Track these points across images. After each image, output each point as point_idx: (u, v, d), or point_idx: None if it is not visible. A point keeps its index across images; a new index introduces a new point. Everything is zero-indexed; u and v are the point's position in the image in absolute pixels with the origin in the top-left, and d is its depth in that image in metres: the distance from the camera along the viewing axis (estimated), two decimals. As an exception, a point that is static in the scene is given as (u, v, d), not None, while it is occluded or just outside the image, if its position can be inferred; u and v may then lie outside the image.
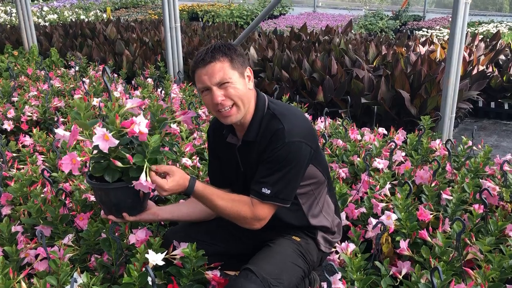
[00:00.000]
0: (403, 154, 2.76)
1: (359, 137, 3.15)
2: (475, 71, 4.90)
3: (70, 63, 5.60)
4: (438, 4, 14.66)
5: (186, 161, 2.68)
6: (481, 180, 2.45)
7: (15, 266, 1.81)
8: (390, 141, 2.93)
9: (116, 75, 5.04)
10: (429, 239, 1.95)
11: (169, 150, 2.47)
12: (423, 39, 6.69)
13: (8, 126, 3.39)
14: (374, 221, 1.97)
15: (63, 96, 4.23)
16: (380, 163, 2.63)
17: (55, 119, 3.46)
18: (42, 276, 1.69)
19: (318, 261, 1.86)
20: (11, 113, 3.52)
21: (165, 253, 1.60)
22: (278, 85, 4.47)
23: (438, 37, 7.71)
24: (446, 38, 7.18)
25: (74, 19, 10.36)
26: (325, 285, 1.63)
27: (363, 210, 2.27)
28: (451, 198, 2.26)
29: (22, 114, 3.58)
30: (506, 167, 2.49)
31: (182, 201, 2.14)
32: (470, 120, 4.92)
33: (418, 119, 3.64)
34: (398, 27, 10.59)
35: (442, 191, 2.32)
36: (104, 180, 1.55)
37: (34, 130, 3.11)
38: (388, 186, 2.35)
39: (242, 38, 5.29)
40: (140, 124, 1.49)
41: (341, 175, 2.64)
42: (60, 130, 1.60)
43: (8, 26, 8.61)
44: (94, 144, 1.46)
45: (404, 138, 3.02)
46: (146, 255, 1.55)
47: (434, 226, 2.11)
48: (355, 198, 2.41)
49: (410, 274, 1.79)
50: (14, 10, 10.44)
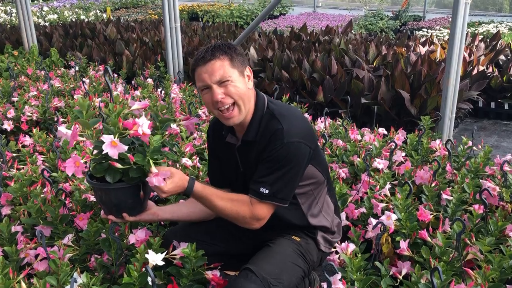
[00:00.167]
0: (403, 154, 2.76)
1: (359, 137, 3.15)
2: (475, 71, 4.90)
3: (70, 63, 5.59)
4: (438, 4, 14.65)
5: (186, 161, 2.68)
6: (481, 180, 2.45)
7: (15, 266, 1.81)
8: (390, 141, 2.93)
9: (116, 75, 5.04)
10: (429, 239, 1.95)
11: (169, 150, 2.47)
12: (423, 39, 6.69)
13: (8, 126, 3.39)
14: (374, 221, 1.97)
15: (63, 96, 4.22)
16: (380, 163, 2.63)
17: (55, 119, 3.46)
18: (42, 276, 1.69)
19: (318, 261, 1.86)
20: (11, 113, 3.52)
21: (165, 253, 1.60)
22: (278, 85, 4.47)
23: (438, 37, 7.71)
24: (446, 38, 7.18)
25: (74, 19, 10.35)
26: (325, 285, 1.63)
27: (363, 210, 2.27)
28: (451, 198, 2.26)
29: (22, 114, 3.58)
30: (506, 168, 2.49)
31: (182, 201, 2.14)
32: (470, 120, 4.92)
33: (418, 119, 3.64)
34: (398, 27, 10.58)
35: (442, 191, 2.32)
36: (104, 180, 1.55)
37: (34, 130, 3.11)
38: (388, 186, 2.35)
39: (242, 38, 5.29)
40: (143, 125, 1.50)
41: (341, 175, 2.64)
42: (62, 128, 1.60)
43: (8, 26, 8.61)
44: (103, 152, 1.46)
45: (404, 138, 3.02)
46: (146, 255, 1.56)
47: (434, 226, 2.11)
48: (355, 198, 2.41)
49: (410, 274, 1.79)
50: (14, 10, 10.43)
